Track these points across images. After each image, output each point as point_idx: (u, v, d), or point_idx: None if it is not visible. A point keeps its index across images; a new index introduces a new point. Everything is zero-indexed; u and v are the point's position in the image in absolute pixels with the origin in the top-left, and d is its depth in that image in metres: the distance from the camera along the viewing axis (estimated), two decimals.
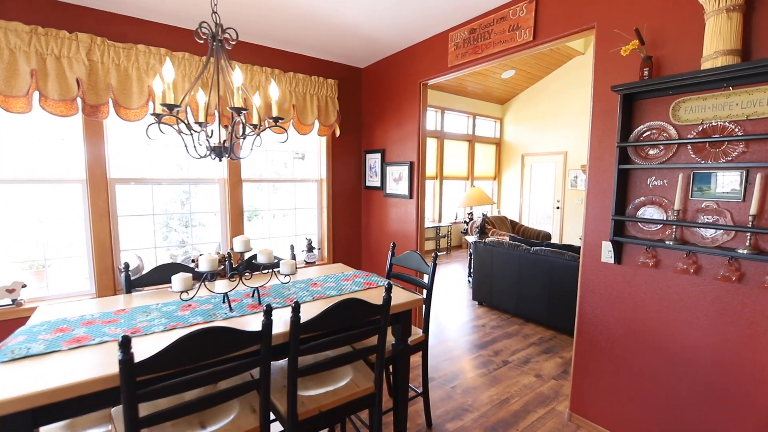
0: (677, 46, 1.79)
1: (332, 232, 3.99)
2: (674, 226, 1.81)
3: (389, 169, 3.72)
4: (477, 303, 4.47)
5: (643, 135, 1.92)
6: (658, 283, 1.90)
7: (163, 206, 3.21)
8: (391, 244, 2.50)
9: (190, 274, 1.58)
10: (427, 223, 7.35)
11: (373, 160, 3.94)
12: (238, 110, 1.52)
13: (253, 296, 1.83)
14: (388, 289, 1.52)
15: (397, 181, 3.61)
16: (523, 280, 3.89)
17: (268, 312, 1.23)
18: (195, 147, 1.66)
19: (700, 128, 1.73)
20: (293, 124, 3.54)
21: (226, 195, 3.38)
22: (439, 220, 7.71)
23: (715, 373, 1.75)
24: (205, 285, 1.96)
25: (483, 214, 5.01)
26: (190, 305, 1.70)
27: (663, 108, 1.85)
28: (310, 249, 3.87)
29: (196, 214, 3.40)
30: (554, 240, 7.68)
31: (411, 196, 3.47)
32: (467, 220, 7.64)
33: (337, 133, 3.83)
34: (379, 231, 3.95)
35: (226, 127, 1.85)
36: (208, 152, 1.63)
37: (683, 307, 1.83)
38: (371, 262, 4.11)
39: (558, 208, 7.78)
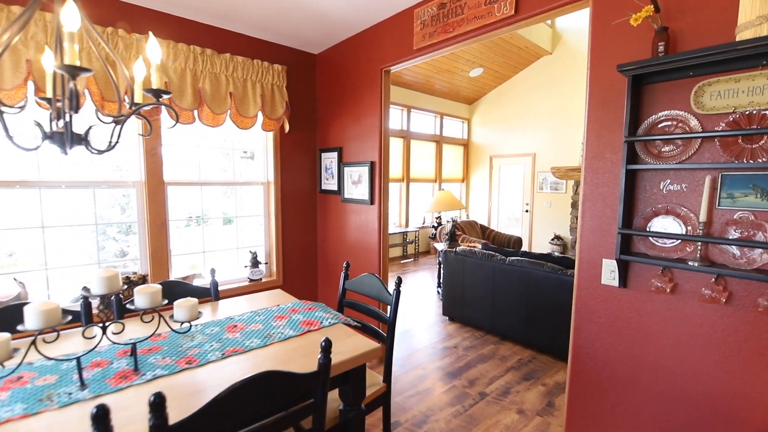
0: (701, 13, 1.42)
1: (282, 244, 3.43)
2: (698, 243, 1.43)
3: (347, 171, 3.21)
4: (448, 319, 4.05)
5: (657, 127, 1.53)
6: (676, 313, 1.52)
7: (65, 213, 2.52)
8: (344, 265, 2.00)
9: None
10: (394, 228, 6.90)
11: (329, 159, 3.42)
12: (73, 71, 0.94)
13: (131, 355, 1.26)
14: (326, 349, 1.01)
15: (356, 184, 3.11)
16: (499, 293, 3.50)
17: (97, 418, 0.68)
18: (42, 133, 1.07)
19: (731, 118, 1.36)
20: (231, 116, 2.96)
21: (143, 201, 2.73)
22: (406, 225, 7.29)
23: (752, 430, 1.38)
24: (84, 335, 1.36)
25: (453, 220, 4.62)
26: (20, 377, 1.11)
27: (682, 93, 1.47)
28: (255, 264, 3.29)
29: (103, 224, 2.73)
30: (525, 244, 7.45)
31: (372, 202, 2.98)
32: (435, 224, 7.26)
33: (287, 128, 3.28)
34: (337, 242, 3.43)
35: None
36: (49, 139, 1.05)
37: (708, 343, 1.45)
38: (329, 278, 3.58)
39: (527, 211, 7.58)
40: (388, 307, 1.74)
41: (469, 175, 8.60)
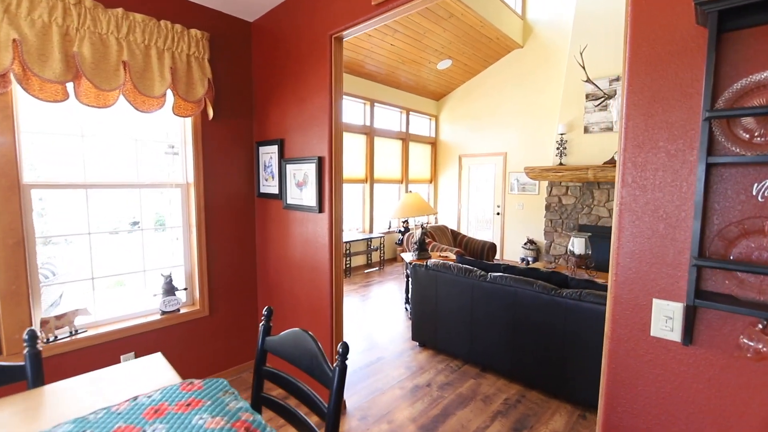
0: None
1: (207, 263, 2.66)
2: None
3: (289, 169, 2.51)
4: (418, 345, 3.43)
5: (746, 99, 0.97)
6: None
7: None
8: (264, 312, 1.31)
9: None
10: (357, 235, 6.23)
11: (269, 155, 2.70)
12: None
13: None
14: None
15: (301, 186, 2.42)
16: (478, 316, 2.93)
17: None
18: None
19: None
20: (126, 94, 2.17)
21: None
22: (370, 231, 6.64)
23: None
24: None
25: (422, 226, 4.02)
26: None
27: None
28: (170, 290, 2.51)
29: None
30: (497, 249, 7.01)
31: (321, 209, 2.30)
32: (402, 229, 6.66)
33: (210, 113, 2.53)
34: (279, 260, 2.71)
35: None
36: None
37: None
38: (272, 306, 2.85)
39: (498, 213, 7.16)
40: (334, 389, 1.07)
41: (437, 176, 8.09)
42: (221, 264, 2.74)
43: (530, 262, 6.50)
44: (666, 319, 1.12)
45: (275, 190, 2.65)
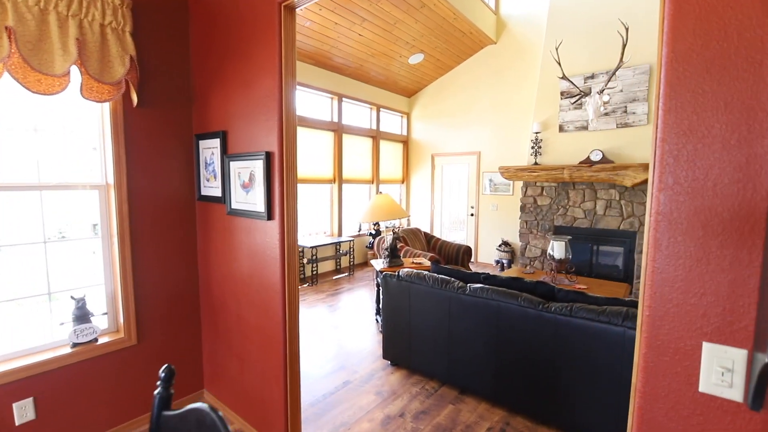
0: None
1: (132, 281, 2.20)
2: None
3: (234, 167, 2.09)
4: (390, 364, 3.09)
5: None
6: None
7: None
8: (161, 373, 0.91)
9: None
10: (324, 239, 5.82)
11: (210, 151, 2.26)
12: None
13: None
14: None
15: (247, 187, 2.01)
16: (457, 332, 2.61)
17: None
18: None
19: None
20: (11, 70, 1.69)
21: None
22: (339, 234, 6.24)
23: None
24: None
25: (393, 231, 3.68)
26: None
27: None
28: (84, 317, 2.04)
29: None
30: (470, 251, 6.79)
31: (270, 215, 1.90)
32: (372, 232, 6.31)
33: (134, 99, 2.07)
34: (225, 276, 2.28)
35: None
36: None
37: None
38: (219, 332, 2.42)
39: (472, 215, 6.95)
40: None
41: (409, 176, 7.80)
42: (153, 281, 2.28)
43: (505, 265, 6.32)
44: (722, 371, 0.82)
45: (218, 193, 2.22)
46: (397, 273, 2.95)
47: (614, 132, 5.01)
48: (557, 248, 3.73)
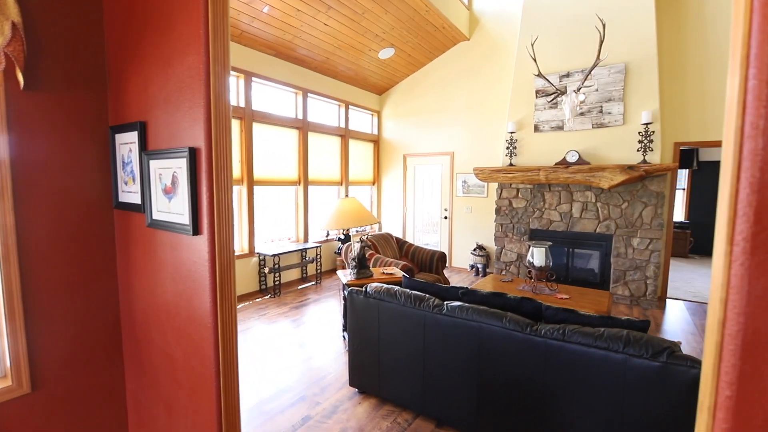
0: None
1: (23, 311, 1.71)
2: None
3: (154, 167, 1.66)
4: (358, 391, 2.71)
5: None
6: None
7: None
8: None
9: None
10: (288, 245, 5.37)
11: (128, 146, 1.81)
12: None
13: None
14: None
15: (170, 192, 1.58)
16: (433, 357, 2.28)
17: None
18: None
19: None
20: None
21: None
22: (305, 240, 5.80)
23: None
24: None
25: (361, 240, 3.31)
26: None
27: None
28: None
29: None
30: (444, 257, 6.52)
31: (197, 229, 1.48)
32: (341, 237, 5.92)
33: (20, 79, 1.60)
34: (148, 304, 1.84)
35: None
36: None
37: None
38: (143, 375, 1.96)
39: (446, 218, 6.69)
40: None
41: (380, 177, 7.46)
42: (55, 311, 1.80)
43: (480, 270, 6.10)
44: None
45: (137, 199, 1.78)
46: (364, 289, 2.58)
47: (590, 132, 4.87)
48: (537, 255, 3.49)
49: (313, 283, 5.63)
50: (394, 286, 2.51)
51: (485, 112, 6.08)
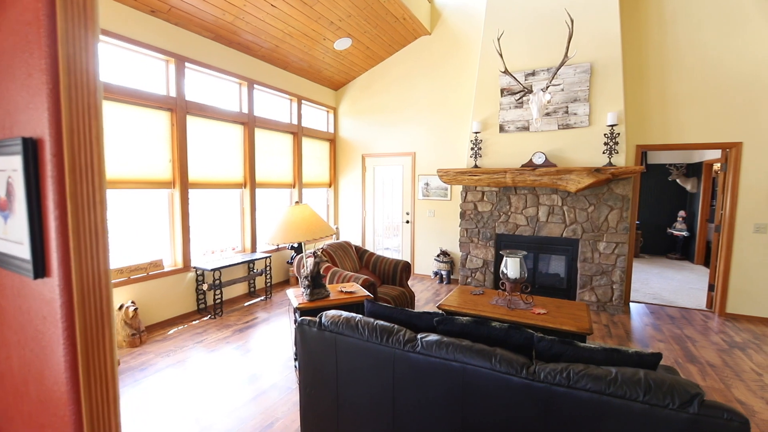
0: None
1: None
2: None
3: None
4: None
5: None
6: None
7: None
8: None
9: None
10: (233, 257, 4.71)
11: None
12: None
13: None
14: None
15: (4, 210, 1.01)
16: (405, 406, 1.84)
17: None
18: None
19: None
20: None
21: None
22: (252, 249, 5.16)
23: None
24: None
25: (315, 254, 2.80)
26: None
27: None
28: None
29: None
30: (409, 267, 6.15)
31: (42, 268, 0.92)
32: (294, 245, 5.35)
33: None
34: None
35: None
36: None
37: None
38: None
39: (408, 222, 6.32)
40: None
41: (337, 179, 6.95)
42: None
43: (444, 276, 5.79)
44: None
45: None
46: (318, 319, 2.09)
47: (556, 133, 4.70)
48: (511, 266, 3.18)
49: (263, 298, 5.00)
50: (354, 316, 2.05)
51: (448, 111, 5.78)
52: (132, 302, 3.62)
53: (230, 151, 4.80)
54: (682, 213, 7.95)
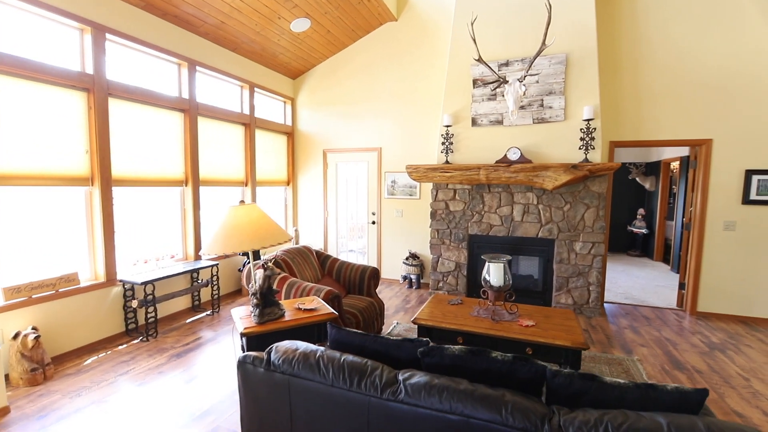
0: None
1: None
2: None
3: None
4: None
5: None
6: None
7: None
8: None
9: None
10: (172, 266, 4.02)
11: None
12: None
13: None
14: None
15: None
16: None
17: None
18: None
19: None
20: None
21: None
22: (196, 257, 4.48)
23: None
24: None
25: (264, 266, 2.26)
26: None
27: None
28: None
29: None
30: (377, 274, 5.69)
31: None
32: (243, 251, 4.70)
33: None
34: None
35: None
36: None
37: None
38: None
39: (374, 222, 5.87)
40: None
41: (296, 176, 6.36)
42: None
43: (413, 281, 5.39)
44: None
45: None
46: (266, 355, 1.58)
47: (530, 128, 4.44)
48: (494, 272, 2.82)
49: (208, 313, 4.34)
50: (314, 350, 1.56)
51: (417, 104, 5.39)
52: (33, 328, 2.89)
53: (167, 142, 4.10)
54: (641, 211, 8.11)
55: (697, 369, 3.16)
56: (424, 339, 1.65)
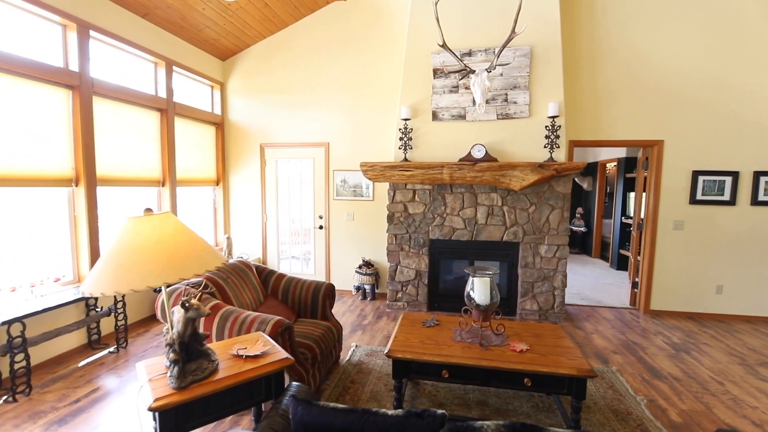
0: None
1: None
2: None
3: None
4: None
5: None
6: None
7: None
8: None
9: None
10: (59, 293, 3.00)
11: None
12: None
13: None
14: None
15: None
16: None
17: None
18: None
19: None
20: None
21: None
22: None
23: None
24: None
25: (185, 305, 1.57)
26: None
27: None
28: None
29: None
30: (333, 290, 5.07)
31: None
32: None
33: None
34: None
35: None
36: None
37: None
38: None
39: (321, 227, 5.22)
40: None
41: (227, 175, 5.46)
42: None
43: (368, 291, 4.85)
44: None
45: None
46: None
47: (495, 124, 4.13)
48: (479, 288, 2.38)
49: (111, 350, 3.37)
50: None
51: (371, 95, 4.85)
52: None
53: (48, 129, 3.08)
54: (579, 210, 8.42)
55: (674, 376, 3.04)
56: (438, 411, 1.12)
